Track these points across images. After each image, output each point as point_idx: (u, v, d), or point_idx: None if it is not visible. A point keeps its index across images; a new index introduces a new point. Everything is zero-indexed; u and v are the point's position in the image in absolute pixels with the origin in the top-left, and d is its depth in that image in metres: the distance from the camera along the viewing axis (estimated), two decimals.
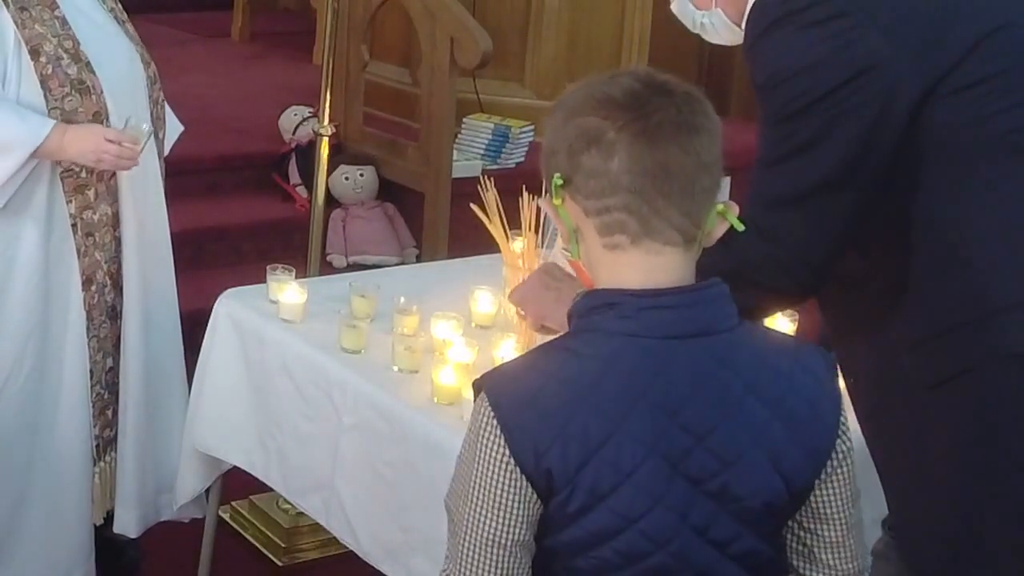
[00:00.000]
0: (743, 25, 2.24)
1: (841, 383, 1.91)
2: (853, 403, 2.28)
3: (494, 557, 1.70)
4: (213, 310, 2.95)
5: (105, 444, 3.07)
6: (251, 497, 3.69)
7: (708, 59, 6.38)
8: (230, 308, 2.91)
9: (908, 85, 2.04)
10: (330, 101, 3.94)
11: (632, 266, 1.70)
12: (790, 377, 1.75)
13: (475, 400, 1.73)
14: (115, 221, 2.98)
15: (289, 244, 5.01)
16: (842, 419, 1.78)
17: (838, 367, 2.03)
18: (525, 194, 2.75)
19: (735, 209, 1.75)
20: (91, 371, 2.99)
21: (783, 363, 1.75)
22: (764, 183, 2.14)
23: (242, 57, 7.00)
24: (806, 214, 2.08)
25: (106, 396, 3.05)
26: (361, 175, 5.25)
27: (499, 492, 1.68)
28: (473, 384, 1.74)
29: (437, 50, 5.01)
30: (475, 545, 1.70)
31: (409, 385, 2.58)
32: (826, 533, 1.82)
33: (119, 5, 3.08)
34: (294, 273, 2.96)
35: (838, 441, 1.77)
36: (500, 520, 1.68)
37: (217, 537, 3.24)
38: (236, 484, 3.25)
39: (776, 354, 1.76)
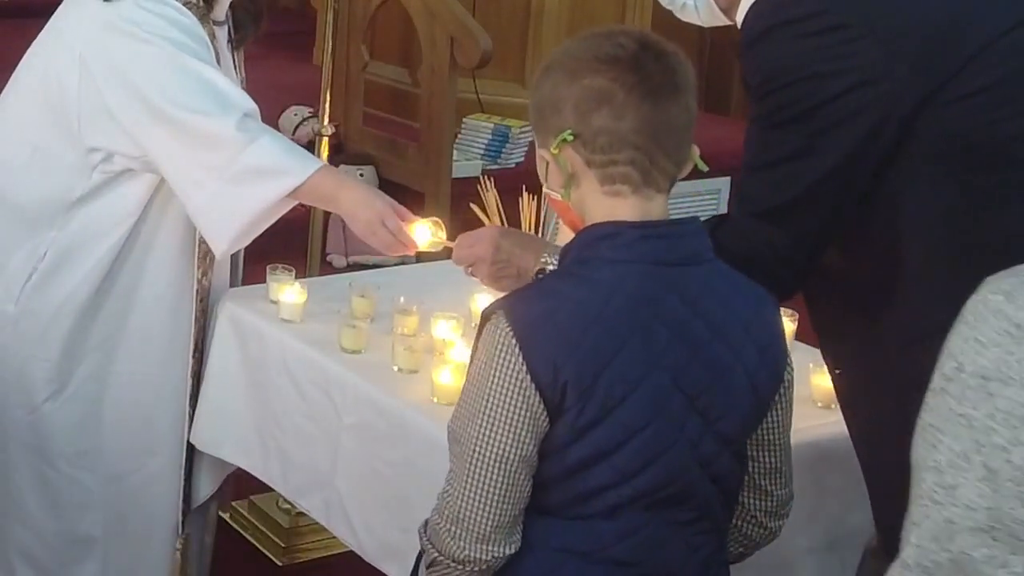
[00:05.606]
0: (734, 17, 2.24)
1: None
2: (839, 397, 2.28)
3: (502, 472, 1.81)
4: (213, 310, 2.95)
5: (183, 518, 3.00)
6: (251, 497, 3.69)
7: (708, 60, 6.39)
8: (230, 308, 2.91)
9: (905, 97, 2.01)
10: (330, 101, 3.95)
11: (629, 208, 1.87)
12: (756, 306, 1.94)
13: (483, 327, 1.84)
14: (208, 291, 2.91)
15: (289, 244, 4.99)
16: (788, 350, 1.98)
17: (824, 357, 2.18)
18: (525, 194, 2.75)
19: (696, 150, 1.93)
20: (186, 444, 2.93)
21: (750, 293, 1.94)
22: (751, 188, 2.14)
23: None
24: (790, 222, 2.08)
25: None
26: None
27: (512, 409, 1.79)
28: (483, 312, 1.86)
29: (437, 50, 5.01)
30: (484, 462, 1.81)
31: (409, 385, 2.57)
32: (766, 459, 1.99)
33: (245, 77, 3.02)
34: (294, 273, 2.96)
35: (785, 371, 1.95)
36: (510, 436, 1.80)
37: (217, 537, 3.24)
38: (236, 484, 3.25)
39: (744, 285, 1.94)
